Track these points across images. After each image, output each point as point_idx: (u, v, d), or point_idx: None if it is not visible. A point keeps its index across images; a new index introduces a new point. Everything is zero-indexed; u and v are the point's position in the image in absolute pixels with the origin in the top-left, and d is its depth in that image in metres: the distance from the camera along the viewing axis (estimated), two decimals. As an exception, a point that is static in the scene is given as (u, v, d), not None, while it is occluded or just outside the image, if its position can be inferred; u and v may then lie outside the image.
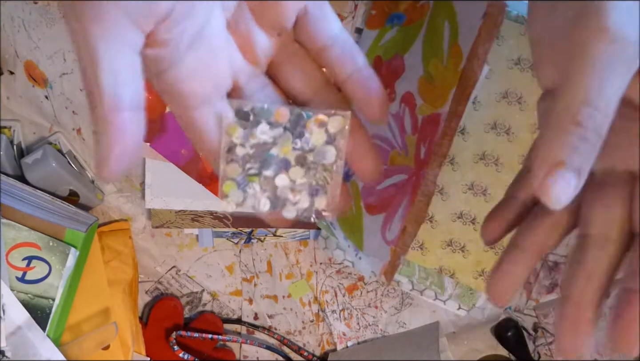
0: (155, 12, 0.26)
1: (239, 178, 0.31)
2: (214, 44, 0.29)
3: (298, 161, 0.32)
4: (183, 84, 0.29)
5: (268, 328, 0.69)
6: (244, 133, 0.31)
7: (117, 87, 0.25)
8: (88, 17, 0.25)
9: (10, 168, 0.60)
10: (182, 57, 0.28)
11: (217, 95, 0.30)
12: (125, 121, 0.26)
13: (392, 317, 0.67)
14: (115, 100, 0.25)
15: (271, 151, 0.31)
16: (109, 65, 0.25)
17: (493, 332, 0.64)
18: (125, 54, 0.26)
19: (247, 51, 0.31)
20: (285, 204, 0.32)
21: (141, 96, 0.27)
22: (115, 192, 0.65)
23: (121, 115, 0.26)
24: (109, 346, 0.60)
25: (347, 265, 0.65)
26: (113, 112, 0.25)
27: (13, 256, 0.55)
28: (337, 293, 0.67)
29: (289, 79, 0.32)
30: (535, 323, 0.65)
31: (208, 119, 0.30)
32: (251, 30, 0.30)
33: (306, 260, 0.66)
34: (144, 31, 0.26)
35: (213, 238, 0.66)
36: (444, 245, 0.58)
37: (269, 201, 0.32)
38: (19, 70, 0.61)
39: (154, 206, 0.62)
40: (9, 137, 0.61)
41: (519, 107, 0.53)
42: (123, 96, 0.26)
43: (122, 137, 0.26)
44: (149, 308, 0.69)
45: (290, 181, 0.32)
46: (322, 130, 0.31)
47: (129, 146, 0.26)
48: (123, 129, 0.26)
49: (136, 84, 0.26)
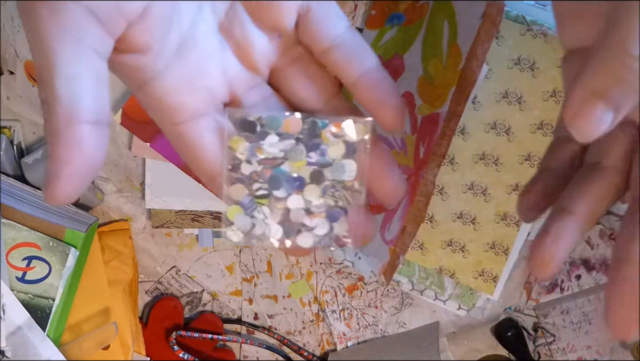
0: (123, 12, 0.23)
1: (246, 201, 0.27)
2: (205, 49, 0.26)
3: (313, 178, 0.27)
4: (170, 96, 0.26)
5: (268, 328, 0.69)
6: (249, 147, 0.27)
7: (75, 96, 0.22)
8: (43, 15, 0.21)
9: (10, 168, 0.60)
10: (167, 66, 0.25)
11: (211, 107, 0.27)
12: (80, 135, 0.22)
13: (392, 317, 0.67)
14: (71, 110, 0.22)
15: (282, 167, 0.27)
16: (66, 69, 0.22)
17: (493, 332, 0.64)
18: (87, 58, 0.22)
19: (245, 57, 0.27)
20: (301, 230, 0.27)
21: (105, 108, 0.23)
22: (115, 192, 0.65)
23: (77, 128, 0.22)
24: (109, 346, 0.60)
25: (347, 265, 0.65)
26: (68, 124, 0.22)
27: (13, 256, 0.56)
28: (337, 293, 0.67)
29: (295, 87, 0.28)
30: (535, 323, 0.65)
31: (203, 134, 0.26)
32: (248, 32, 0.27)
33: (306, 260, 0.66)
34: (112, 34, 0.23)
35: (213, 238, 0.66)
36: (444, 245, 0.58)
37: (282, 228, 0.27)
38: (19, 70, 0.61)
39: (154, 206, 0.62)
40: (9, 137, 0.61)
41: (519, 107, 0.53)
42: (81, 106, 0.22)
43: (75, 154, 0.22)
44: (149, 308, 0.69)
45: (305, 203, 0.27)
46: (340, 141, 0.27)
47: (83, 165, 0.22)
48: (78, 145, 0.22)
49: (99, 93, 0.23)
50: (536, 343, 0.65)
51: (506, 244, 0.57)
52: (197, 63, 0.26)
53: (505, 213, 0.56)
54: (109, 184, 0.65)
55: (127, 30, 0.23)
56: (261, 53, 0.28)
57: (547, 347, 0.65)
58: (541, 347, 0.65)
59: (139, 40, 0.24)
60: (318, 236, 0.27)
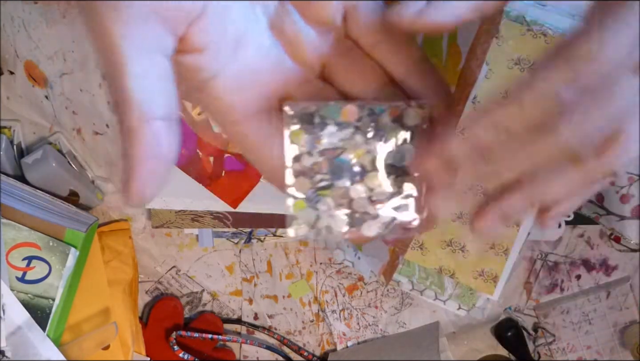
0: (185, 11, 0.23)
1: (309, 194, 0.26)
2: (259, 47, 0.27)
3: (374, 165, 0.27)
4: (229, 95, 0.26)
5: (268, 328, 0.69)
6: (309, 139, 0.26)
7: (145, 93, 0.22)
8: (110, 17, 0.22)
9: (10, 168, 0.60)
10: (225, 65, 0.26)
11: (268, 104, 0.27)
12: (154, 131, 0.22)
13: (392, 317, 0.67)
14: (143, 107, 0.22)
15: (342, 157, 0.27)
16: (135, 68, 0.22)
17: (493, 332, 0.64)
18: (154, 56, 0.23)
19: (296, 53, 0.28)
20: (365, 219, 0.27)
21: (174, 105, 0.23)
22: (115, 192, 0.65)
23: (150, 125, 0.22)
24: (109, 346, 0.60)
25: (347, 265, 0.65)
26: (141, 121, 0.22)
27: (13, 256, 0.55)
28: (337, 293, 0.67)
29: (346, 79, 0.28)
30: (535, 323, 0.65)
31: (262, 131, 0.27)
32: (299, 30, 0.27)
33: (306, 260, 0.66)
34: (175, 33, 0.23)
35: (213, 238, 0.66)
36: (444, 245, 0.58)
37: (346, 218, 0.27)
38: (19, 70, 0.61)
39: (154, 206, 0.62)
40: (9, 137, 0.61)
41: (519, 107, 0.53)
42: (152, 103, 0.22)
43: (150, 151, 0.22)
44: (149, 308, 0.69)
45: (367, 191, 0.27)
46: (398, 126, 0.27)
47: (158, 162, 0.23)
48: (152, 142, 0.22)
49: (168, 90, 0.23)
50: (536, 343, 0.65)
51: (506, 244, 0.57)
52: (253, 61, 0.26)
53: (505, 213, 0.56)
54: (108, 184, 0.65)
55: (188, 29, 0.24)
56: (312, 49, 0.28)
57: (547, 347, 0.65)
58: (541, 347, 0.65)
59: (198, 40, 0.24)
60: (382, 224, 0.27)
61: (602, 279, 0.63)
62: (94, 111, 0.61)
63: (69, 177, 0.60)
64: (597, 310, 0.63)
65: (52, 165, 0.59)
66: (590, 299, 0.63)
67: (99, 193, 0.64)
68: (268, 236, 0.65)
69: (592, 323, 0.64)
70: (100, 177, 0.65)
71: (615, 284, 0.63)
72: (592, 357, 0.64)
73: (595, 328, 0.64)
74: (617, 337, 0.64)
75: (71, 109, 0.62)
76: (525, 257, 0.63)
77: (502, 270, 0.58)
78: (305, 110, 0.26)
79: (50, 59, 0.60)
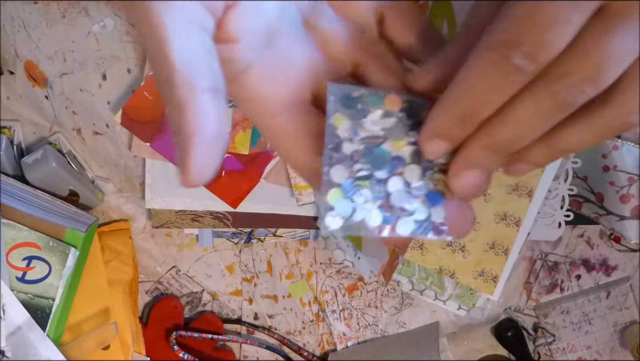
0: None
1: (346, 184, 0.25)
2: (292, 41, 0.27)
3: (413, 158, 0.25)
4: (262, 87, 0.26)
5: (268, 328, 0.69)
6: (351, 125, 0.25)
7: (192, 65, 0.22)
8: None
9: (10, 168, 0.60)
10: (258, 57, 0.26)
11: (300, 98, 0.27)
12: (204, 102, 0.22)
13: (392, 317, 0.67)
14: (190, 78, 0.22)
15: (382, 147, 0.25)
16: (180, 41, 0.22)
17: (493, 332, 0.64)
18: (197, 31, 0.22)
19: (329, 50, 0.28)
20: (400, 215, 0.25)
21: (220, 77, 0.23)
22: (115, 192, 0.65)
23: (200, 96, 0.22)
24: (109, 346, 0.60)
25: (347, 265, 0.65)
26: (190, 93, 0.22)
27: (13, 256, 0.56)
28: (337, 293, 0.67)
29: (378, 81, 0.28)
30: (535, 323, 0.65)
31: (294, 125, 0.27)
32: (331, 28, 0.28)
33: (306, 260, 0.66)
34: (214, 14, 0.23)
35: (213, 238, 0.66)
36: (444, 245, 0.58)
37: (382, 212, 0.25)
38: (19, 70, 0.61)
39: (154, 206, 0.62)
40: (9, 137, 0.61)
41: (519, 107, 0.53)
42: (199, 74, 0.22)
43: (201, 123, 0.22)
44: (149, 308, 0.69)
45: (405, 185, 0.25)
46: None
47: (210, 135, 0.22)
48: (203, 113, 0.22)
49: (213, 63, 0.23)
50: (536, 343, 0.65)
51: (506, 244, 0.57)
52: (286, 54, 0.26)
53: (505, 213, 0.56)
54: (109, 184, 0.65)
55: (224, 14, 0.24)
56: (344, 46, 0.28)
57: (547, 347, 0.65)
58: (541, 347, 0.65)
59: (234, 28, 0.24)
60: (417, 222, 0.25)
61: (602, 279, 0.63)
62: (94, 111, 0.61)
63: (69, 177, 0.60)
64: (597, 310, 0.63)
65: (52, 165, 0.59)
66: (590, 299, 0.63)
67: (99, 193, 0.64)
68: (268, 236, 0.65)
69: (592, 323, 0.64)
70: (100, 177, 0.65)
71: (615, 284, 0.63)
72: (592, 357, 0.64)
73: (595, 328, 0.64)
74: (617, 337, 0.64)
75: (71, 109, 0.62)
76: (525, 257, 0.63)
77: (502, 270, 0.58)
78: (351, 93, 0.25)
79: (50, 59, 0.60)
